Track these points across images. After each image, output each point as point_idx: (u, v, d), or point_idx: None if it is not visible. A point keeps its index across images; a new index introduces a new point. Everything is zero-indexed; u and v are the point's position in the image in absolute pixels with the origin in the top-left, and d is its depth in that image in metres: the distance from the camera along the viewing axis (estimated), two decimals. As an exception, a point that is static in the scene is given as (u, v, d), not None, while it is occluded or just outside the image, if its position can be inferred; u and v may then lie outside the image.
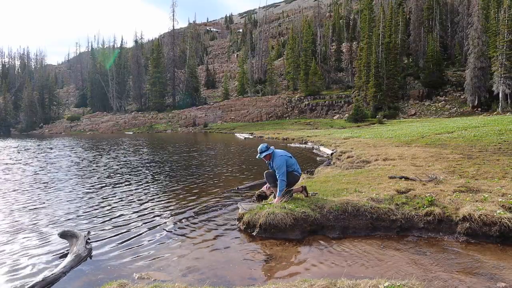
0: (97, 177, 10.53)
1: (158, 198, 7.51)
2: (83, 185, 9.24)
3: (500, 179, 6.06)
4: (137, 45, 73.07)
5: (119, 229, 5.38)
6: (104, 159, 15.84)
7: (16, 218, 6.17)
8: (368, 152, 11.26)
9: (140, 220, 5.85)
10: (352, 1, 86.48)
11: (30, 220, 5.99)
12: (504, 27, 34.00)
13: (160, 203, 7.04)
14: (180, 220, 5.81)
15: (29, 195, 8.11)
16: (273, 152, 5.65)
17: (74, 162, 14.80)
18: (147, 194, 7.97)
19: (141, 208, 6.69)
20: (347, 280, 3.04)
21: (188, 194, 7.84)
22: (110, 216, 6.15)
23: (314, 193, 5.79)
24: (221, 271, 3.85)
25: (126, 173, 11.33)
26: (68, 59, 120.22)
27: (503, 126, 16.36)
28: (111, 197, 7.67)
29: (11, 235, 5.26)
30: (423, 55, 48.92)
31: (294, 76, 57.42)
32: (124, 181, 9.68)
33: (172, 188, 8.55)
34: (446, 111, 40.15)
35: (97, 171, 11.88)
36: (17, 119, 65.40)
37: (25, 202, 7.40)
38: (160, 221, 5.81)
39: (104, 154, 18.41)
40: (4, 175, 11.40)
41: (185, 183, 9.17)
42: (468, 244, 4.29)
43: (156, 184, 9.25)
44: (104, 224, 5.69)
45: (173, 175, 10.77)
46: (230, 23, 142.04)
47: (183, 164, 13.34)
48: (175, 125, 52.96)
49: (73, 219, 6.03)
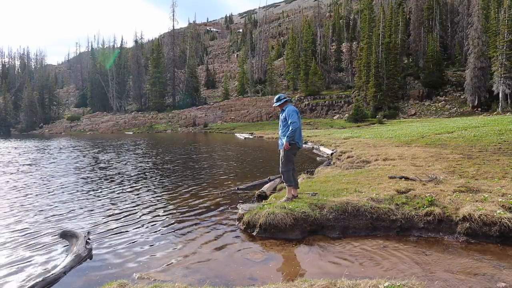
0: (97, 177, 10.53)
1: (158, 198, 7.51)
2: (83, 185, 9.24)
3: (500, 179, 6.06)
4: (137, 45, 73.08)
5: (119, 229, 5.38)
6: (105, 158, 15.84)
7: (16, 218, 6.17)
8: (368, 152, 11.25)
9: (140, 220, 5.85)
10: (352, 1, 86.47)
11: (30, 220, 5.99)
12: (504, 27, 34.00)
13: (160, 203, 7.04)
14: (180, 220, 5.81)
15: (29, 195, 8.11)
16: (290, 105, 5.74)
17: (77, 162, 14.80)
18: (147, 194, 7.97)
19: (141, 208, 6.69)
20: (347, 280, 3.04)
21: (188, 194, 7.84)
22: (110, 216, 6.15)
23: (314, 193, 5.79)
24: (221, 271, 3.85)
25: (126, 173, 11.33)
26: (68, 59, 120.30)
27: (503, 126, 16.36)
28: (111, 197, 7.67)
29: (11, 235, 5.26)
30: (423, 55, 48.91)
31: (294, 76, 57.43)
32: (124, 181, 9.68)
33: (172, 188, 8.55)
34: (446, 111, 40.15)
35: (97, 171, 11.88)
36: (17, 119, 65.41)
37: (25, 202, 7.40)
38: (159, 221, 5.81)
39: (104, 154, 18.41)
40: (11, 175, 11.40)
41: (185, 183, 9.17)
42: (468, 244, 4.28)
43: (156, 184, 9.25)
44: (104, 224, 5.69)
45: (173, 175, 10.76)
46: (230, 23, 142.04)
47: (183, 164, 13.34)
48: (175, 125, 52.96)
49: (73, 219, 6.03)
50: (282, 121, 5.63)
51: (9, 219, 6.09)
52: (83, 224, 5.68)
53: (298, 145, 5.63)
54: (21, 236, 5.20)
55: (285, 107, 5.65)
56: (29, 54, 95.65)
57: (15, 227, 5.65)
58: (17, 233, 5.32)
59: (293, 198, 5.53)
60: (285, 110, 5.62)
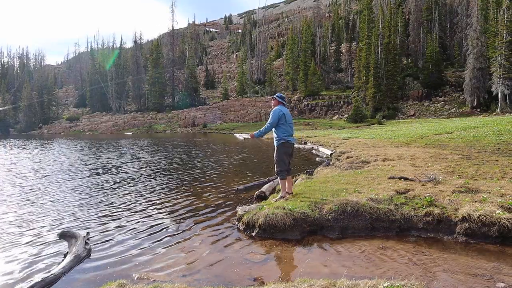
0: (97, 178, 10.52)
1: (157, 198, 7.50)
2: (83, 186, 9.22)
3: (499, 180, 6.07)
4: (137, 45, 73.08)
5: (118, 230, 5.38)
6: (104, 159, 15.83)
7: (16, 218, 6.16)
8: (368, 153, 11.26)
9: (140, 220, 5.85)
10: (351, 2, 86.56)
11: (29, 220, 5.98)
12: (503, 28, 34.09)
13: (159, 203, 7.03)
14: (179, 220, 5.81)
15: (30, 194, 8.10)
16: (281, 106, 5.86)
17: (77, 163, 14.78)
18: (147, 194, 7.96)
19: (141, 208, 6.69)
20: (347, 280, 3.03)
21: (187, 194, 7.83)
22: (109, 216, 6.15)
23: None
24: (220, 271, 3.84)
25: (125, 173, 11.32)
26: (67, 59, 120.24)
27: (502, 126, 16.37)
28: (110, 197, 7.66)
29: (10, 235, 5.25)
30: (422, 55, 49.03)
31: (293, 77, 57.50)
32: (123, 181, 9.67)
33: (171, 188, 8.54)
34: (445, 112, 40.21)
35: (97, 172, 11.86)
36: (16, 119, 65.32)
37: (25, 202, 7.39)
38: (159, 221, 5.80)
39: (104, 155, 18.39)
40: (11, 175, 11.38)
41: (185, 183, 9.16)
42: (467, 244, 4.29)
43: (155, 184, 9.23)
44: (104, 224, 5.68)
45: (172, 175, 10.76)
46: (229, 23, 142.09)
47: (182, 165, 13.33)
48: (174, 125, 52.95)
49: (72, 219, 6.02)
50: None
51: (9, 219, 6.08)
52: (82, 225, 5.67)
53: (290, 142, 5.84)
54: (20, 236, 5.19)
55: (277, 107, 5.86)
56: (28, 54, 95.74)
57: (15, 227, 5.64)
58: (17, 233, 5.31)
59: (288, 194, 5.79)
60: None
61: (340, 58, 62.66)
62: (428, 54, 45.11)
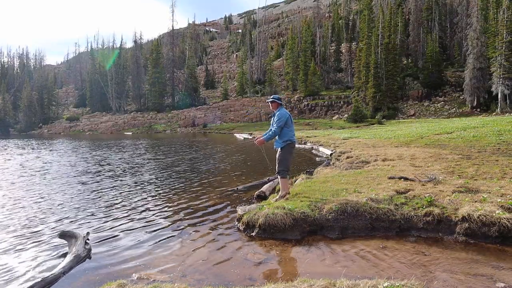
0: (97, 178, 10.52)
1: (157, 199, 7.50)
2: (82, 186, 9.22)
3: (499, 180, 6.07)
4: (137, 45, 73.02)
5: (118, 230, 5.38)
6: (104, 159, 15.83)
7: (15, 218, 6.16)
8: (368, 153, 11.26)
9: (139, 221, 5.85)
10: (351, 2, 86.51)
11: (29, 220, 5.98)
12: (503, 28, 34.09)
13: (159, 204, 7.03)
14: (179, 221, 5.81)
15: (30, 194, 8.10)
16: (281, 107, 6.00)
17: (77, 163, 14.78)
18: (146, 194, 7.96)
19: (140, 208, 6.69)
20: (347, 280, 3.04)
21: (187, 194, 7.83)
22: (109, 216, 6.15)
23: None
24: (220, 271, 3.84)
25: (125, 173, 11.32)
26: (67, 59, 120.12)
27: (502, 126, 16.38)
28: (110, 198, 7.66)
29: (10, 235, 5.25)
30: (422, 55, 49.02)
31: (293, 77, 57.46)
32: (123, 182, 9.67)
33: (171, 189, 8.54)
34: (445, 112, 40.21)
35: (97, 172, 11.86)
36: (16, 119, 65.30)
37: (25, 202, 7.39)
38: (159, 221, 5.80)
39: (103, 155, 18.39)
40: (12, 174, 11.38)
41: (185, 184, 9.16)
42: (467, 244, 4.29)
43: (155, 184, 9.24)
44: (103, 224, 5.68)
45: (172, 175, 10.75)
46: (229, 23, 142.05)
47: (182, 165, 13.33)
48: (174, 125, 52.93)
49: (72, 219, 6.02)
50: (272, 124, 5.96)
51: (8, 219, 6.08)
52: (82, 225, 5.67)
53: (294, 142, 6.03)
54: (20, 236, 5.19)
55: (278, 109, 5.94)
56: (28, 54, 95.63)
57: (15, 227, 5.64)
58: (17, 233, 5.31)
59: (287, 194, 5.87)
60: (276, 113, 5.92)
61: (340, 58, 62.64)
62: (428, 54, 45.11)
